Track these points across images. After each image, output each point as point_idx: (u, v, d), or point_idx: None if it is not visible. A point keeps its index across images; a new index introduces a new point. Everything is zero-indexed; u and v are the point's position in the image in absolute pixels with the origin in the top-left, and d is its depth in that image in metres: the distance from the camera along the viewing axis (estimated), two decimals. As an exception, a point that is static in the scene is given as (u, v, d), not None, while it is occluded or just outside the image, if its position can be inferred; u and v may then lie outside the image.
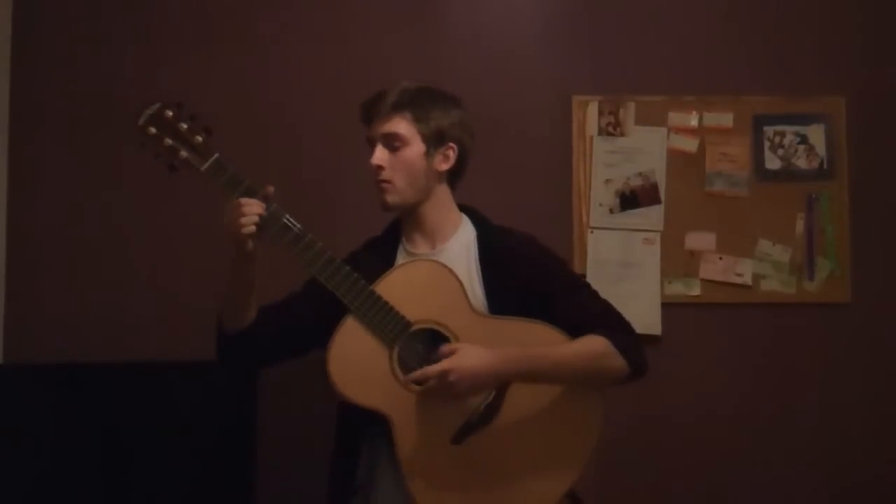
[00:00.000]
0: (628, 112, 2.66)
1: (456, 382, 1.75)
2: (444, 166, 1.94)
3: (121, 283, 2.59)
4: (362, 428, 1.86)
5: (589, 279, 2.59)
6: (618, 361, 1.87)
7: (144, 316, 2.57)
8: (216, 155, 1.79)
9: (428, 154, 1.92)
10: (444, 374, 1.75)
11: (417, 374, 1.79)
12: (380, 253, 1.97)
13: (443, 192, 1.97)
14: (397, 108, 1.89)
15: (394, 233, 2.02)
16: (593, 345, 1.86)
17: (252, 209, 1.76)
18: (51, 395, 2.34)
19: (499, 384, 1.82)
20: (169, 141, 1.79)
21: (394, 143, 1.90)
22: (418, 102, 1.91)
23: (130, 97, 2.55)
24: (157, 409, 2.34)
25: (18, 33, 2.64)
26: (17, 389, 2.33)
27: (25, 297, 2.59)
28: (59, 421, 2.33)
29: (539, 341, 1.86)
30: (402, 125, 1.90)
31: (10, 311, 2.59)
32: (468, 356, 1.77)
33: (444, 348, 1.79)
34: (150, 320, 2.57)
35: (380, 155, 1.90)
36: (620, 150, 2.65)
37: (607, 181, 2.65)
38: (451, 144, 1.94)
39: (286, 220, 1.80)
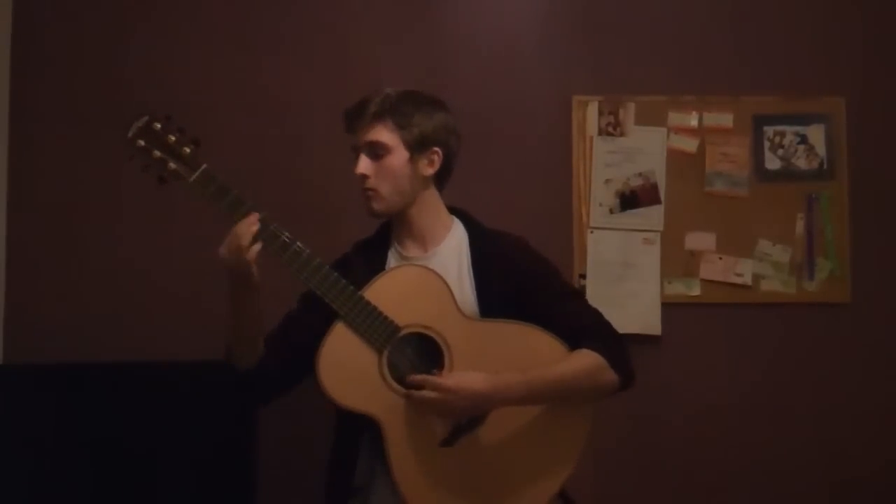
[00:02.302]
0: (628, 112, 2.66)
1: (451, 401, 1.76)
2: (430, 171, 1.94)
3: (121, 283, 2.59)
4: (361, 430, 1.86)
5: (589, 279, 2.60)
6: (610, 376, 1.88)
7: (144, 316, 2.57)
8: (204, 166, 1.79)
9: (412, 160, 1.91)
10: (442, 387, 1.76)
11: (418, 378, 1.79)
12: (370, 256, 1.97)
13: (430, 196, 1.97)
14: (379, 116, 1.89)
15: (384, 235, 2.02)
16: (587, 361, 1.87)
17: (248, 228, 1.75)
18: (51, 395, 2.34)
19: (492, 409, 1.83)
20: (157, 153, 1.79)
21: (377, 151, 1.90)
22: (400, 109, 1.90)
23: (130, 98, 2.56)
24: (157, 409, 2.34)
25: (18, 33, 2.64)
26: (17, 389, 2.34)
27: (25, 297, 2.59)
28: (59, 421, 2.33)
29: (528, 345, 1.87)
30: (384, 133, 1.89)
31: (10, 311, 2.59)
32: (468, 381, 1.78)
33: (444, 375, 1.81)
34: (150, 320, 2.57)
35: (364, 164, 1.90)
36: (620, 150, 2.65)
37: (607, 181, 2.65)
38: (436, 149, 1.93)
39: (274, 229, 1.79)
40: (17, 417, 2.31)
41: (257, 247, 1.75)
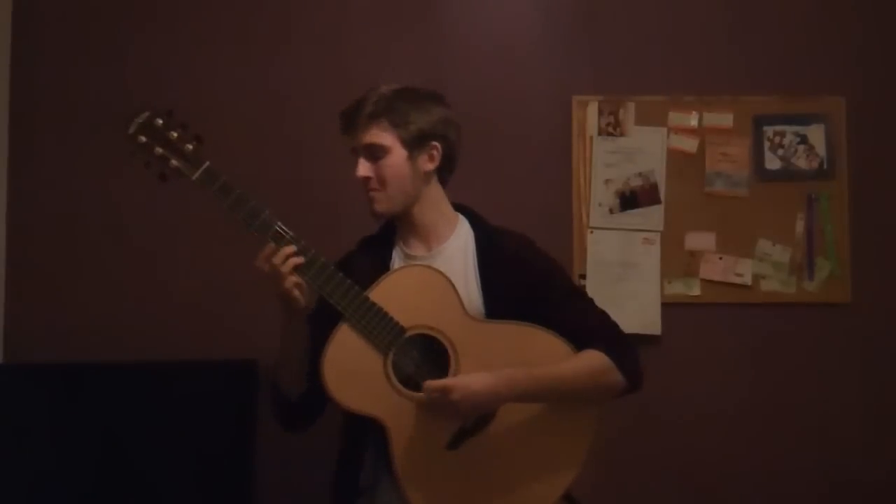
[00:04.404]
0: (628, 112, 2.66)
1: (457, 402, 1.75)
2: (430, 166, 1.93)
3: (121, 283, 2.59)
4: (366, 431, 1.86)
5: (589, 279, 2.60)
6: (616, 377, 1.87)
7: (144, 316, 2.57)
8: (207, 163, 1.78)
9: (411, 158, 1.90)
10: (446, 391, 1.75)
11: (424, 394, 1.79)
12: (375, 255, 1.97)
13: (433, 192, 1.96)
14: (373, 117, 1.88)
15: (389, 232, 2.01)
16: (593, 361, 1.86)
17: (283, 256, 1.76)
18: (51, 395, 2.34)
19: (499, 406, 1.82)
20: (159, 150, 1.78)
21: (375, 153, 1.89)
22: (395, 107, 1.89)
23: (130, 97, 2.56)
24: (157, 409, 2.34)
25: (18, 33, 2.64)
26: (17, 389, 2.34)
27: (25, 298, 2.59)
28: (59, 421, 2.33)
29: (535, 346, 1.86)
30: (380, 134, 1.88)
31: (10, 311, 2.59)
32: (472, 379, 1.77)
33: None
34: (150, 320, 2.56)
35: (363, 167, 1.90)
36: (620, 151, 2.65)
37: (607, 181, 2.65)
38: (435, 144, 1.92)
39: (278, 227, 1.79)
40: (17, 417, 2.31)
41: (294, 278, 1.76)
